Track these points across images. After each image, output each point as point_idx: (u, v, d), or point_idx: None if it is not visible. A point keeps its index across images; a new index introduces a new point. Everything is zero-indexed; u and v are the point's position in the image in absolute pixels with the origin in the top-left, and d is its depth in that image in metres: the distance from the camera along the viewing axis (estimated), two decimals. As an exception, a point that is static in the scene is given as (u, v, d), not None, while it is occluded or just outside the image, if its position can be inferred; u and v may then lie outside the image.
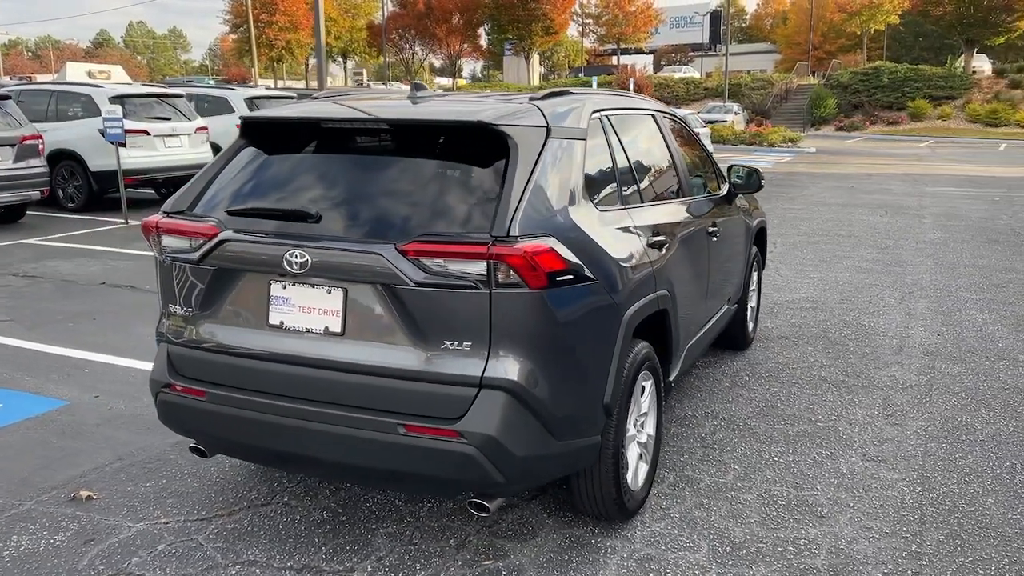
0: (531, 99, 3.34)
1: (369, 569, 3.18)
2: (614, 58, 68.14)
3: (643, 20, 62.22)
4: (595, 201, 3.29)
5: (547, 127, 3.13)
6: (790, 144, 30.12)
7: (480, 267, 2.73)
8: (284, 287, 3.02)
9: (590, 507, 3.39)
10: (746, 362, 5.66)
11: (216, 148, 14.23)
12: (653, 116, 4.38)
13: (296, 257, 2.91)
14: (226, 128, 14.91)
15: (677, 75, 51.44)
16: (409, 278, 2.78)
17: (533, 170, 2.94)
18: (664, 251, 3.72)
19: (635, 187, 3.77)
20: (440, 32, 53.94)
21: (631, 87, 37.30)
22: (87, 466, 4.09)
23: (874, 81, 41.88)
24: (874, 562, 3.20)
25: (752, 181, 5.15)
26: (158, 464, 4.11)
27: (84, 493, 3.79)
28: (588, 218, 3.15)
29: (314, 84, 50.98)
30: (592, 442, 3.11)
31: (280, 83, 58.81)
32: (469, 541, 3.39)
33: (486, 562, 3.24)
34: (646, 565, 3.20)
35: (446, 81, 65.37)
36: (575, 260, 2.93)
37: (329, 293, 2.95)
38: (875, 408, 4.83)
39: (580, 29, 64.94)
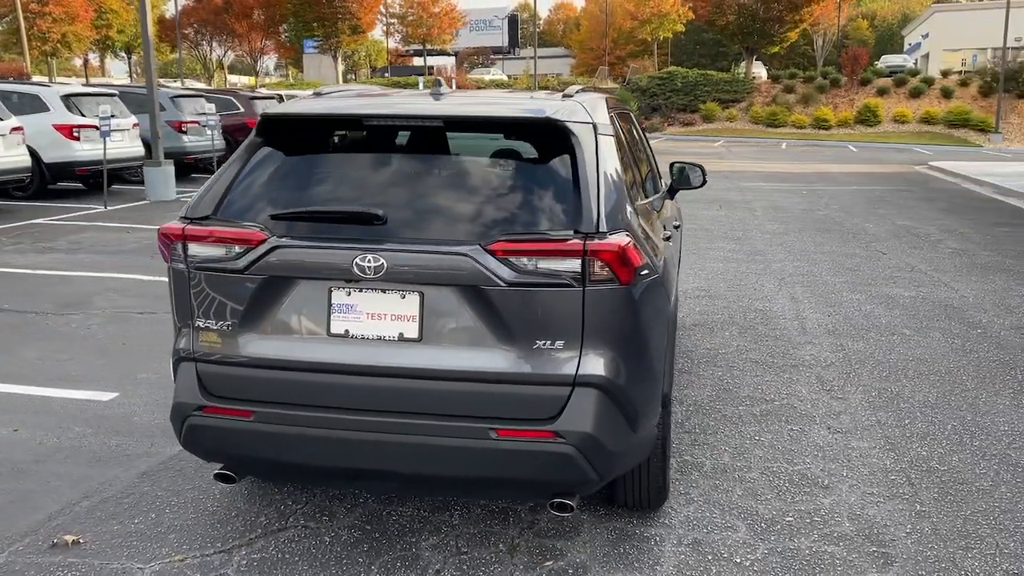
0: (565, 96, 3.34)
1: (435, 583, 3.07)
2: (415, 59, 68.20)
3: (447, 22, 62.68)
4: (629, 196, 3.35)
5: (592, 123, 3.15)
6: (605, 144, 31.50)
7: (574, 264, 2.71)
8: (349, 293, 2.84)
9: (634, 497, 3.44)
10: (679, 349, 5.94)
11: (32, 151, 12.93)
12: (631, 114, 4.50)
13: (369, 261, 2.75)
14: (41, 128, 13.50)
15: (487, 77, 52.34)
16: (500, 278, 2.71)
17: (597, 165, 2.95)
18: (671, 244, 3.85)
19: (641, 183, 3.86)
20: (240, 28, 51.56)
21: (453, 87, 37.56)
22: (51, 508, 3.62)
23: (669, 85, 44.71)
24: (893, 524, 3.49)
25: (695, 177, 5.37)
26: (135, 498, 3.71)
27: (68, 537, 3.36)
28: (635, 212, 3.21)
29: (98, 80, 47.06)
30: (654, 433, 3.17)
31: (56, 79, 53.77)
32: (518, 545, 3.34)
33: (547, 563, 3.21)
34: (700, 549, 3.31)
35: (241, 80, 62.61)
36: (647, 253, 2.98)
37: (403, 298, 2.81)
38: (814, 385, 5.23)
39: (385, 29, 64.40)
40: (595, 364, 2.77)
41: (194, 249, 2.95)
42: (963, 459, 4.12)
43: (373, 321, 2.84)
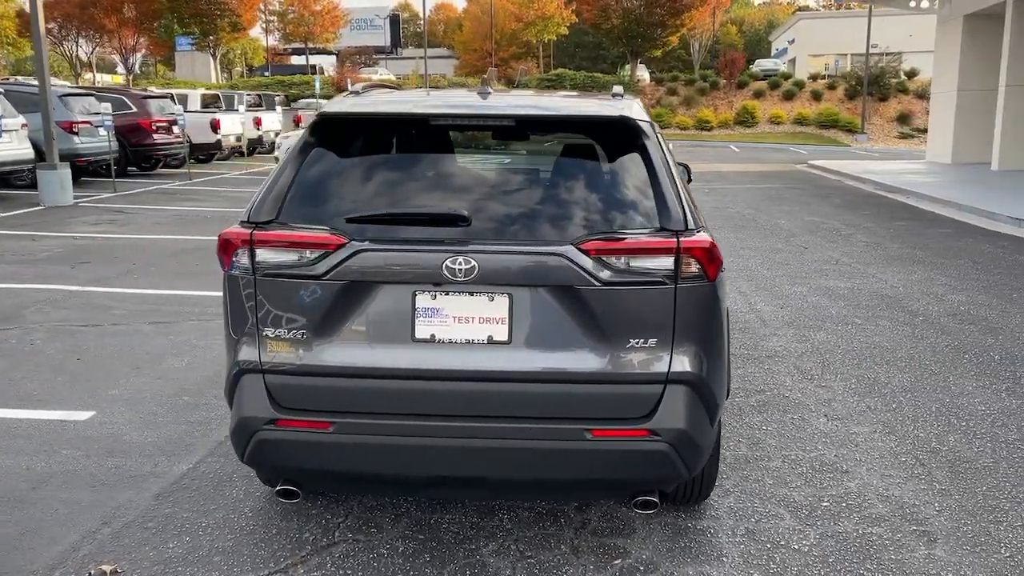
0: (614, 95, 3.36)
1: (516, 589, 3.03)
2: (293, 58, 66.51)
3: (329, 20, 61.48)
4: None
5: (650, 122, 3.19)
6: (503, 144, 31.69)
7: (667, 262, 2.73)
8: (434, 297, 2.76)
9: (690, 491, 3.48)
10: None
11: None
12: None
13: (460, 264, 2.69)
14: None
15: (375, 77, 51.59)
16: (595, 278, 2.70)
17: (666, 163, 2.98)
18: None
19: None
20: (110, 23, 48.76)
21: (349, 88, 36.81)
22: (71, 537, 3.36)
23: (558, 87, 45.42)
24: (921, 503, 3.68)
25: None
26: (160, 521, 3.49)
27: (105, 568, 3.13)
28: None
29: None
30: (718, 427, 3.23)
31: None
32: (579, 545, 3.33)
33: (615, 561, 3.22)
34: (755, 538, 3.39)
35: (102, 79, 59.28)
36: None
37: (492, 300, 2.75)
38: (795, 375, 5.44)
39: (264, 27, 62.52)
40: (684, 360, 2.80)
41: (263, 255, 2.80)
42: (958, 439, 4.39)
43: (460, 325, 2.77)
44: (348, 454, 2.81)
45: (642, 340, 2.76)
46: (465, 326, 2.77)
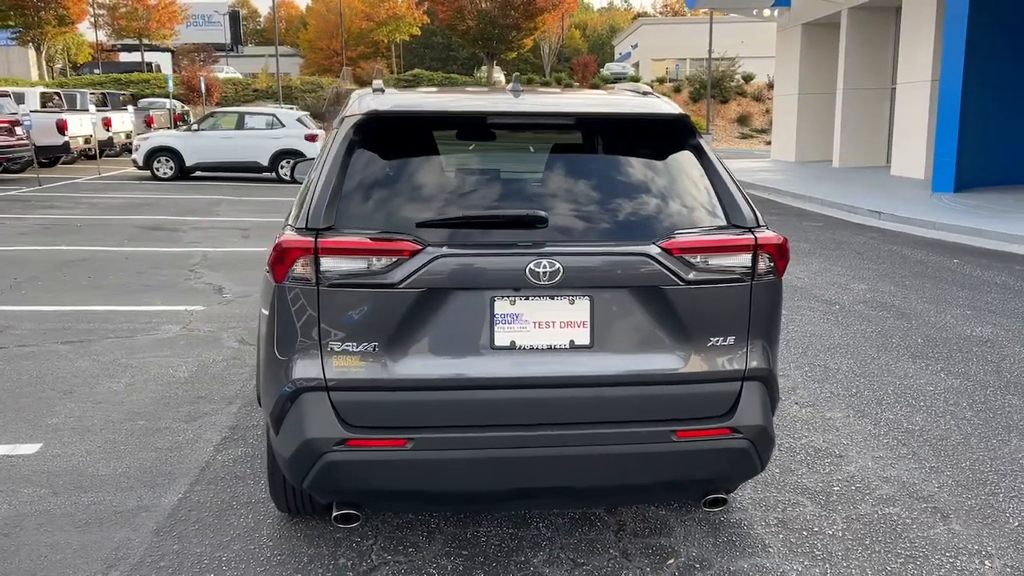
0: (646, 94, 3.34)
1: (586, 598, 2.96)
2: (122, 54, 62.66)
3: (166, 15, 58.22)
4: None
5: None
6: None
7: (745, 259, 2.75)
8: (513, 302, 2.65)
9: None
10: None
11: None
12: None
13: (544, 267, 2.59)
14: None
15: (221, 75, 49.28)
16: (679, 277, 2.68)
17: (720, 161, 2.99)
18: None
19: None
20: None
21: (202, 87, 35.03)
22: (76, 586, 2.99)
23: (416, 87, 45.17)
24: (920, 481, 3.89)
25: None
26: (173, 559, 3.18)
27: (136, 617, 2.80)
28: None
29: None
30: None
31: None
32: (627, 548, 3.30)
33: (668, 561, 3.21)
34: (789, 527, 3.47)
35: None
36: None
37: (572, 303, 2.67)
38: (751, 366, 5.63)
39: (93, 21, 58.41)
40: (758, 357, 2.83)
41: (328, 264, 2.59)
42: (924, 418, 4.68)
43: (541, 330, 2.67)
44: (429, 471, 2.65)
45: (721, 338, 2.76)
46: (546, 331, 2.67)
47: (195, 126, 19.44)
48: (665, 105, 3.02)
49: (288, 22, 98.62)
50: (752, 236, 2.74)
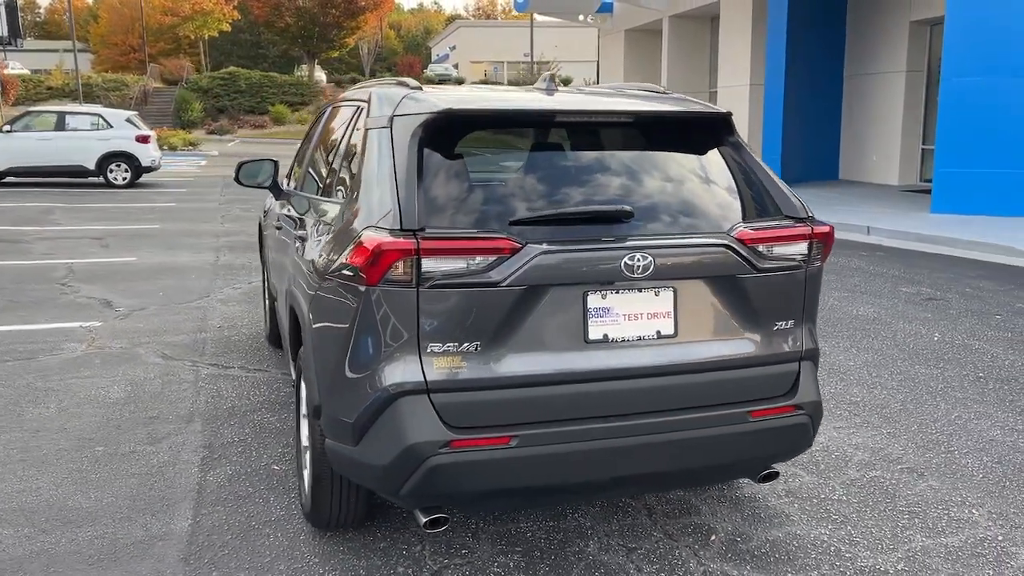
0: (666, 91, 3.48)
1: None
2: None
3: (-65, 5, 52.32)
4: None
5: None
6: (192, 148, 29.49)
7: (803, 247, 2.95)
8: (604, 296, 2.71)
9: None
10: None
11: None
12: None
13: (638, 260, 2.67)
14: None
15: (12, 71, 44.78)
16: (752, 266, 2.84)
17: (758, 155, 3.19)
18: None
19: None
20: None
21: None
22: (129, 626, 2.74)
23: (233, 86, 43.18)
24: (884, 445, 4.29)
25: None
26: (221, 587, 2.98)
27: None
28: None
29: None
30: None
31: None
32: (669, 530, 3.44)
33: (711, 538, 3.37)
34: (799, 495, 3.73)
35: None
36: None
37: (657, 295, 2.77)
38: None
39: None
40: (810, 337, 3.05)
41: (429, 264, 2.54)
42: (861, 391, 5.15)
43: (630, 322, 2.75)
44: (533, 467, 2.65)
45: (784, 322, 2.96)
46: (635, 323, 2.76)
47: (6, 127, 17.66)
48: (706, 104, 3.18)
49: (75, 14, 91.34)
50: (809, 226, 2.95)
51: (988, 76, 12.01)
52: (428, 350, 2.59)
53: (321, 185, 3.78)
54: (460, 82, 48.61)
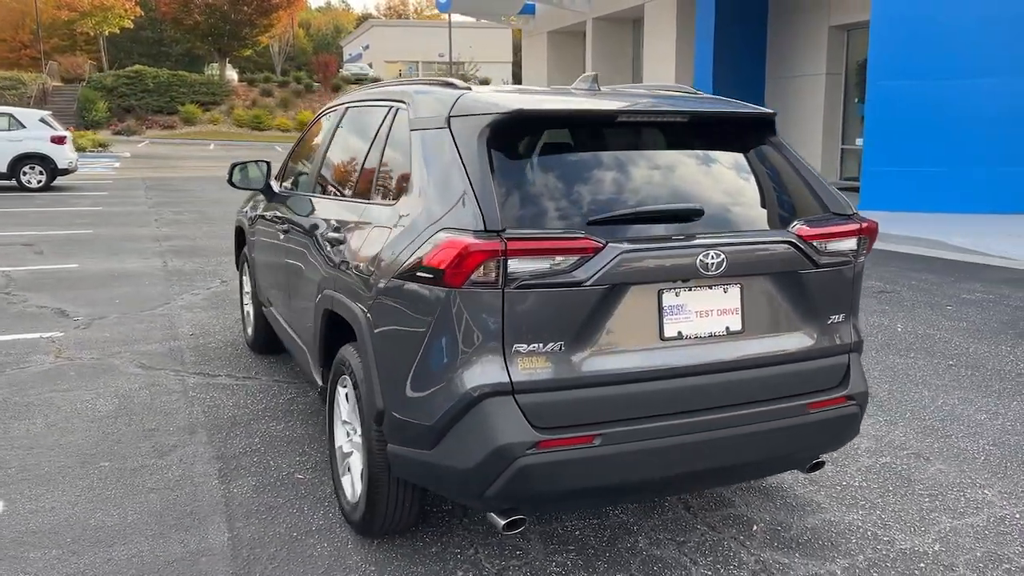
0: (699, 92, 3.55)
1: None
2: None
3: None
4: None
5: None
6: (102, 149, 28.28)
7: (853, 243, 3.05)
8: (678, 294, 2.75)
9: None
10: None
11: None
12: None
13: (712, 258, 2.72)
14: None
15: None
16: (813, 261, 2.93)
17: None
18: None
19: None
20: None
21: None
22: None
23: (140, 85, 41.61)
24: (885, 432, 4.47)
25: None
26: (283, 601, 2.88)
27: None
28: None
29: None
30: None
31: None
32: (712, 522, 3.50)
33: (753, 528, 3.46)
34: (820, 484, 3.86)
35: None
36: None
37: (726, 292, 2.83)
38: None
39: None
40: (855, 329, 3.16)
41: (516, 265, 2.52)
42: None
43: (702, 319, 2.80)
44: (616, 465, 2.67)
45: (836, 315, 3.05)
46: (706, 320, 2.80)
47: (-94, 128, 16.59)
48: (752, 105, 3.25)
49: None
50: (858, 222, 3.06)
51: (912, 80, 12.63)
52: (513, 351, 2.57)
53: (351, 187, 3.70)
54: (376, 80, 47.98)
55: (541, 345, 2.59)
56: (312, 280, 3.77)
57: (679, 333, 2.77)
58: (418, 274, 2.70)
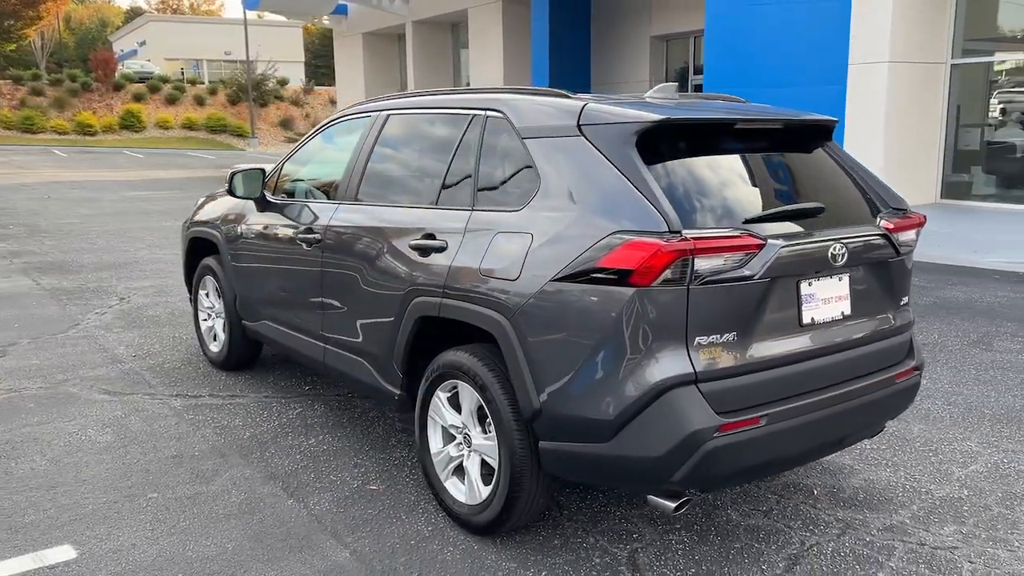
0: (747, 102, 3.89)
1: None
2: None
3: None
4: None
5: None
6: None
7: (913, 234, 3.51)
8: (810, 284, 3.07)
9: None
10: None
11: None
12: None
13: (840, 250, 3.07)
14: None
15: None
16: (896, 251, 3.36)
17: None
18: None
19: None
20: None
21: None
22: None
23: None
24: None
25: None
26: (458, 607, 2.90)
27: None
28: None
29: None
30: None
31: None
32: (768, 508, 3.86)
33: (841, 495, 3.85)
34: (828, 468, 4.34)
35: None
36: None
37: (840, 280, 3.18)
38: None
39: None
40: (913, 309, 3.63)
41: (701, 263, 2.73)
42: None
43: (826, 305, 3.13)
44: (776, 442, 2.93)
45: (904, 297, 3.51)
46: (828, 306, 3.14)
47: None
48: (815, 113, 3.64)
49: None
50: (918, 216, 3.53)
51: (744, 88, 13.89)
52: (695, 342, 2.78)
53: (433, 195, 3.65)
54: (164, 80, 45.02)
55: (719, 336, 2.81)
56: (382, 290, 3.71)
57: (812, 319, 3.08)
58: (594, 275, 2.81)
